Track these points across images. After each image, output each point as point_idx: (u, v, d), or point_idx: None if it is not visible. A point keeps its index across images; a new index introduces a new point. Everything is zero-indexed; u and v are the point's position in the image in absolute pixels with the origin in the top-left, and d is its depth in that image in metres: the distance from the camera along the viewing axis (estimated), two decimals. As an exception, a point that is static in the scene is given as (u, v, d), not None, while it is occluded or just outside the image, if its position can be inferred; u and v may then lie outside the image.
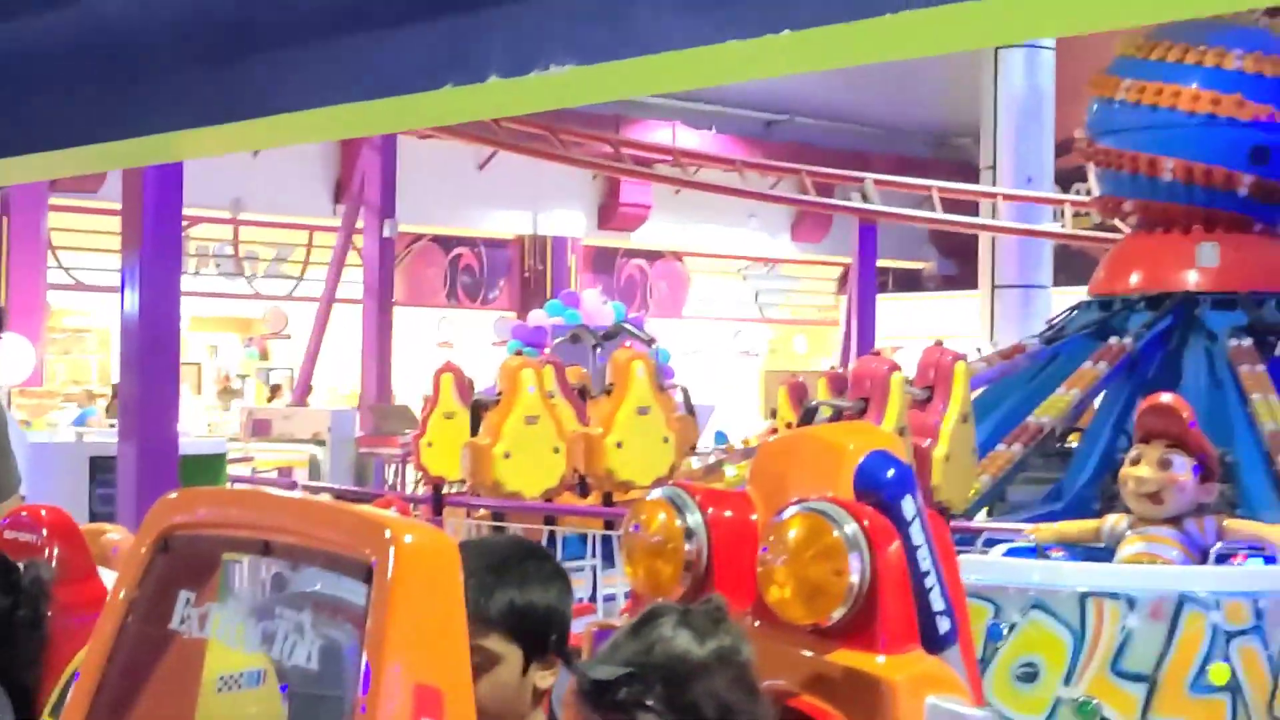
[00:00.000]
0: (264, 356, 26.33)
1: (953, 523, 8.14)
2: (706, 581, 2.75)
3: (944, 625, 2.69)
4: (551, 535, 9.73)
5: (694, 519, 2.79)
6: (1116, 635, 5.31)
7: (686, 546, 2.77)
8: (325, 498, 7.73)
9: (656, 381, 11.18)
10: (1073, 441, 11.91)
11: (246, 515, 2.31)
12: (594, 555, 9.56)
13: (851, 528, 2.61)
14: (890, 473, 2.71)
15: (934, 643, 2.68)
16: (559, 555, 9.89)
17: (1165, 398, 6.09)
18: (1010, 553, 6.04)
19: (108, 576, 3.78)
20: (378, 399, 18.73)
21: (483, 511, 10.53)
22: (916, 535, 2.69)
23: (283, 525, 2.23)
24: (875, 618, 2.61)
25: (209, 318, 25.09)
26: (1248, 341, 11.35)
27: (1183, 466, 5.79)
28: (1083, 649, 5.33)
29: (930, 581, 2.69)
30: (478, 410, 10.52)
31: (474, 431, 10.46)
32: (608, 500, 10.82)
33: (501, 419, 10.34)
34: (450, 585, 2.03)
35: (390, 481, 16.36)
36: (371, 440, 16.60)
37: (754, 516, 2.82)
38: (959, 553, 3.07)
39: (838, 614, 2.61)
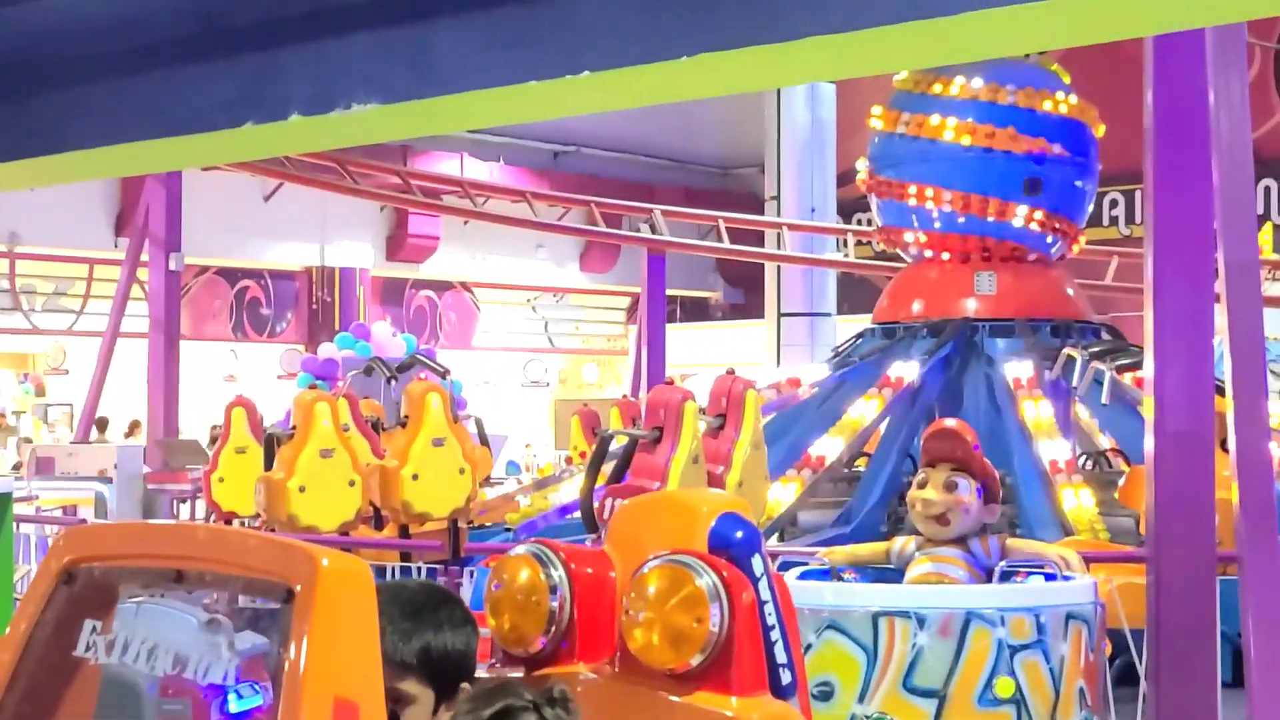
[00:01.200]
0: (40, 393, 25.72)
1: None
2: (568, 635, 2.87)
3: (786, 677, 2.86)
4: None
5: (558, 574, 2.91)
6: (907, 653, 5.48)
7: (551, 601, 2.89)
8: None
9: (451, 413, 11.19)
10: (860, 466, 12.18)
11: (156, 546, 2.39)
12: (391, 588, 9.55)
13: (711, 579, 2.77)
14: (740, 533, 2.89)
15: (778, 692, 2.84)
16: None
17: (950, 423, 6.31)
18: (804, 575, 6.20)
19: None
20: (165, 434, 18.41)
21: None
22: (764, 591, 2.86)
23: (196, 554, 2.31)
24: (731, 663, 2.76)
25: (-18, 352, 24.49)
26: (1025, 366, 11.74)
27: (967, 489, 5.99)
28: (875, 667, 5.50)
29: (775, 635, 2.85)
30: (271, 444, 10.45)
31: (268, 466, 10.38)
32: (404, 533, 10.81)
33: (296, 452, 10.29)
34: (365, 607, 2.15)
35: (180, 518, 16.11)
36: (160, 476, 16.33)
37: (612, 574, 2.95)
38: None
39: (697, 659, 2.77)
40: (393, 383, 13.56)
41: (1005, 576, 5.91)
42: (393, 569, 9.70)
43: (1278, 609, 5.66)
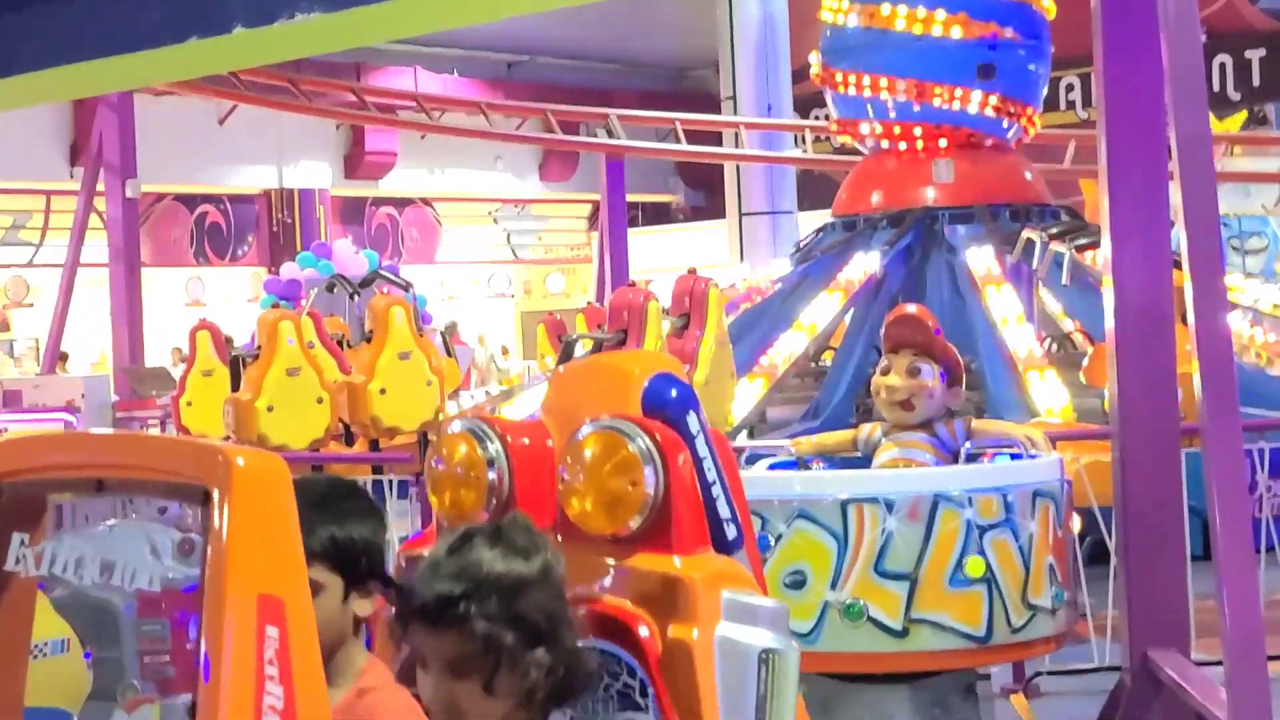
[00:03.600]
0: (4, 327, 25.61)
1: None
2: (509, 505, 2.89)
3: (731, 531, 2.88)
4: (321, 486, 9.70)
5: (494, 448, 2.92)
6: (877, 538, 5.53)
7: (489, 475, 2.91)
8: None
9: (416, 326, 11.20)
10: (826, 360, 12.24)
11: (76, 455, 2.39)
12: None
13: (644, 442, 2.77)
14: (674, 393, 2.90)
15: (723, 547, 2.87)
16: (329, 505, 9.89)
17: (910, 308, 6.33)
18: (773, 467, 6.24)
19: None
20: (131, 363, 18.37)
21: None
22: (702, 449, 2.87)
23: (114, 461, 2.31)
24: (670, 524, 2.77)
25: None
26: (986, 252, 11.78)
27: (930, 373, 6.03)
28: (846, 553, 5.55)
29: (716, 491, 2.87)
30: (237, 365, 10.46)
31: (235, 387, 10.40)
32: (374, 448, 10.85)
33: (262, 373, 10.30)
34: (284, 502, 2.16)
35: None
36: (128, 404, 16.33)
37: (549, 442, 2.96)
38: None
39: (635, 522, 2.78)
40: (356, 299, 13.54)
41: (972, 458, 5.95)
42: (363, 483, 9.72)
43: (1240, 480, 5.71)
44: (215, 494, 2.11)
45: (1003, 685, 6.60)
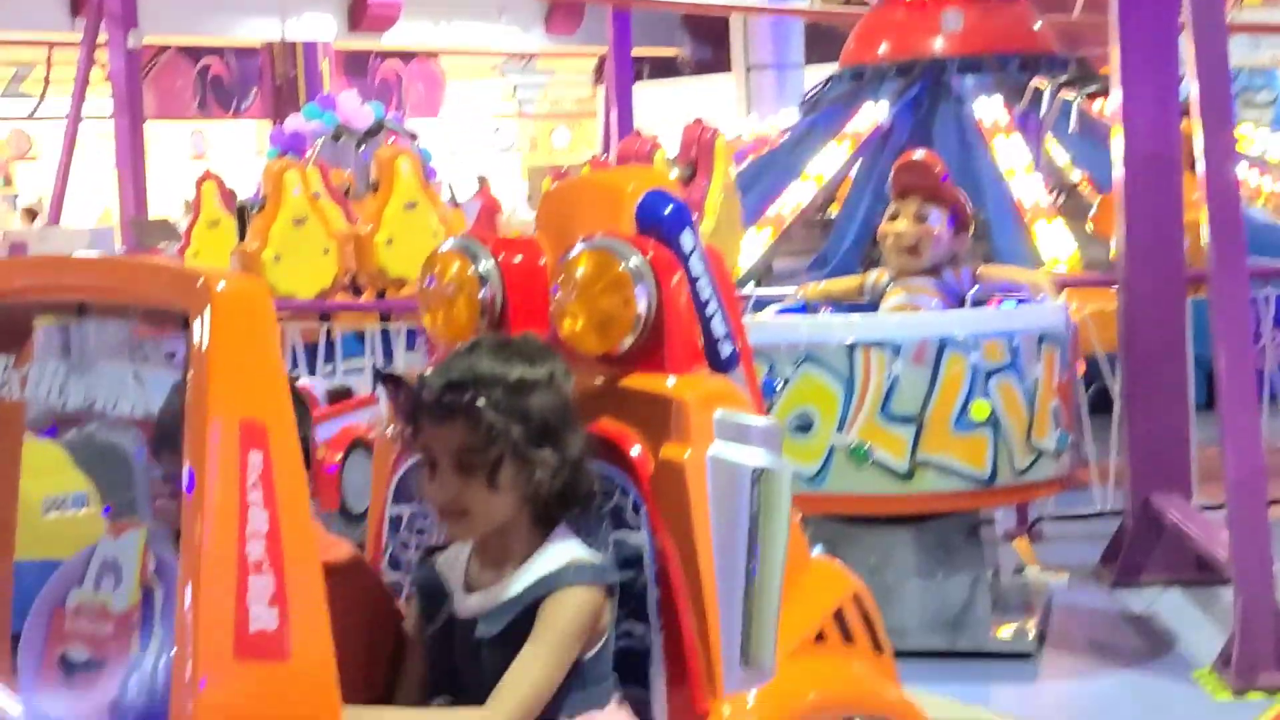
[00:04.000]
0: (8, 182, 25.53)
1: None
2: (501, 324, 2.87)
3: (726, 349, 2.87)
4: (329, 336, 9.75)
5: (486, 265, 2.89)
6: (884, 381, 5.56)
7: (481, 292, 2.87)
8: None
9: (422, 176, 11.17)
10: (833, 211, 12.20)
11: (58, 279, 2.38)
12: (373, 352, 9.62)
13: (636, 260, 2.74)
14: (668, 209, 2.85)
15: (718, 365, 2.86)
16: (338, 355, 9.94)
17: (919, 153, 6.30)
18: (781, 312, 6.25)
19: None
20: (136, 215, 18.33)
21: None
22: (696, 266, 2.84)
23: (96, 285, 2.30)
24: (663, 343, 2.75)
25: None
26: (994, 102, 11.69)
27: (938, 219, 6.02)
28: (853, 397, 5.58)
29: (712, 309, 2.85)
30: (243, 215, 10.45)
31: (241, 237, 10.40)
32: (382, 299, 10.86)
33: (268, 223, 10.29)
34: (265, 326, 2.14)
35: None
36: (134, 256, 16.31)
37: (543, 260, 2.93)
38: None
39: (627, 341, 2.75)
40: (362, 149, 13.48)
41: (978, 303, 5.96)
42: (371, 333, 9.75)
43: (1245, 329, 5.74)
44: (196, 318, 2.09)
45: (1006, 530, 6.66)
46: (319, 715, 2.12)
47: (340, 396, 8.06)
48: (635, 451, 2.70)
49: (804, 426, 5.61)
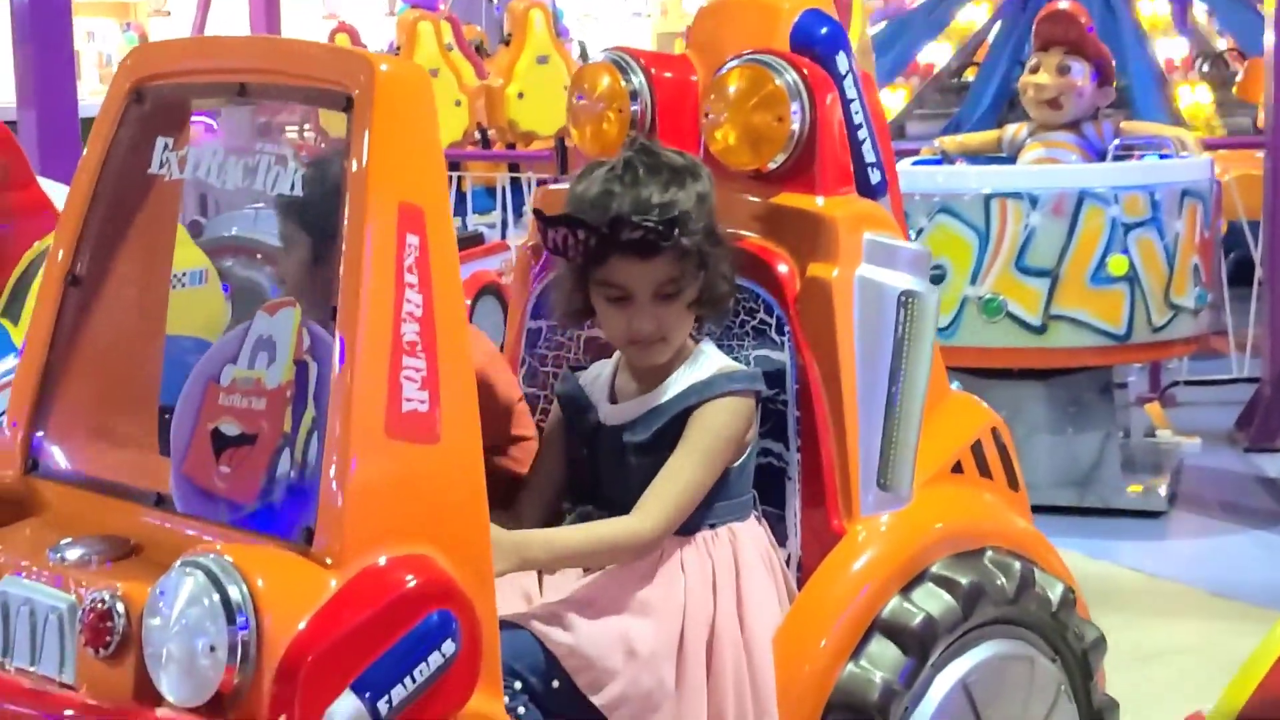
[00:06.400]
0: (144, 39, 25.75)
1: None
2: (651, 139, 2.81)
3: (875, 176, 2.82)
4: (460, 187, 9.76)
5: (638, 80, 2.85)
6: (1020, 233, 5.48)
7: (632, 107, 2.84)
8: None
9: (555, 31, 11.12)
10: (969, 75, 11.99)
11: (220, 60, 2.38)
12: (503, 205, 9.62)
13: (791, 76, 2.69)
14: (824, 30, 2.80)
15: (867, 191, 2.80)
16: (468, 209, 9.96)
17: (1063, 4, 6.17)
18: (917, 163, 6.18)
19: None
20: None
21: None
22: (850, 90, 2.79)
23: (258, 66, 2.30)
24: (814, 163, 2.71)
25: (83, 2, 24.40)
26: (1140, -35, 11.39)
27: (1080, 71, 5.90)
28: (988, 248, 5.51)
29: (863, 134, 2.80)
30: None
31: (375, 89, 10.40)
32: (511, 150, 10.86)
33: (401, 73, 10.29)
34: (425, 110, 2.13)
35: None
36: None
37: (694, 77, 2.88)
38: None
39: (779, 159, 2.71)
40: (494, 1, 13.41)
41: (1120, 157, 5.85)
42: (502, 187, 9.75)
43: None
44: (358, 99, 2.08)
45: (1139, 394, 6.57)
46: (465, 500, 2.13)
47: (472, 243, 8.09)
48: (783, 269, 2.67)
49: (936, 278, 5.51)
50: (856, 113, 2.79)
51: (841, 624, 2.57)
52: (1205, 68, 11.41)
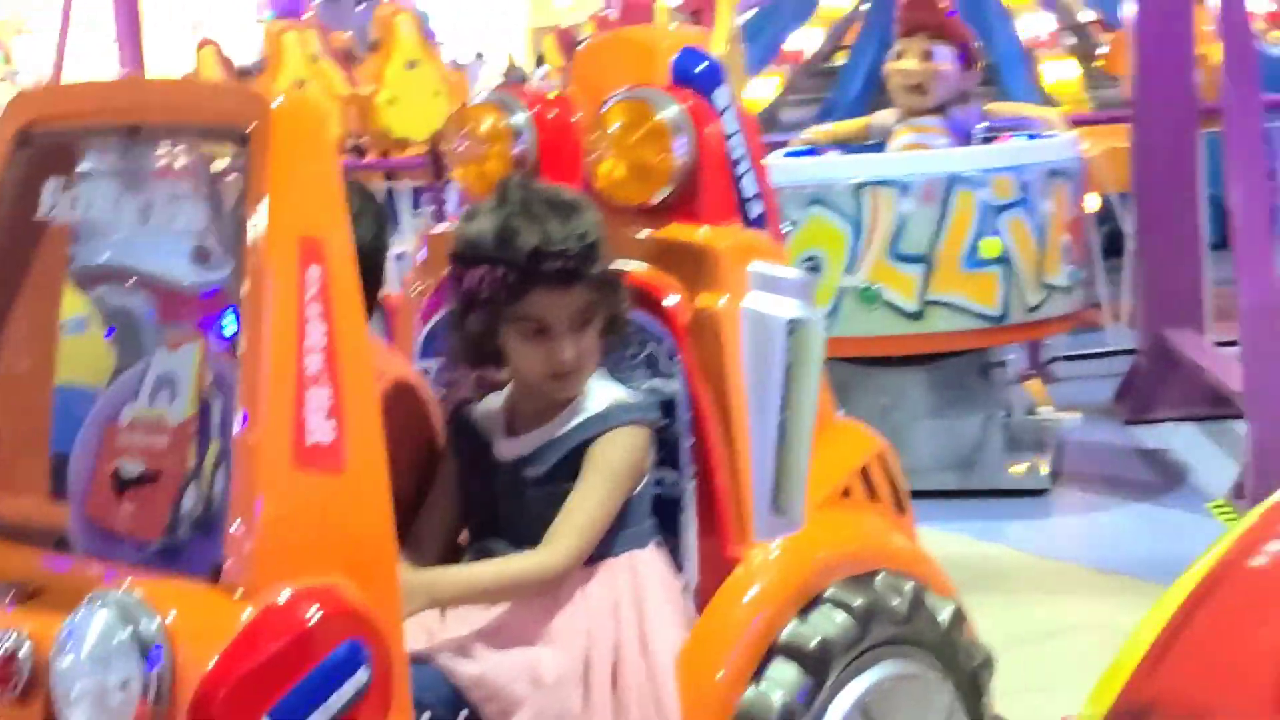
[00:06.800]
0: (7, 60, 25.34)
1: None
2: (535, 178, 2.81)
3: (756, 209, 2.83)
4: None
5: (521, 118, 2.87)
6: (892, 221, 5.51)
7: (515, 146, 2.85)
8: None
9: (423, 34, 11.06)
10: (839, 59, 12.06)
11: (110, 101, 2.36)
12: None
13: (674, 110, 2.72)
14: (703, 66, 2.81)
15: (748, 224, 2.82)
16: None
17: (925, -11, 6.20)
18: (788, 155, 6.19)
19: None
20: (136, 86, 18.24)
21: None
22: (730, 123, 2.80)
23: (151, 105, 2.29)
24: (698, 194, 2.74)
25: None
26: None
27: (945, 55, 5.93)
28: (861, 238, 5.54)
29: (743, 167, 2.82)
30: (243, 79, 10.35)
31: (242, 101, 10.30)
32: (385, 159, 10.78)
33: (268, 86, 10.18)
34: (322, 142, 2.15)
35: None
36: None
37: (576, 115, 2.89)
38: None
39: (664, 192, 2.74)
40: (360, 7, 13.31)
41: (987, 140, 5.90)
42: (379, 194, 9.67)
43: (1260, 160, 5.66)
44: (253, 135, 2.08)
45: (1018, 371, 6.63)
46: (374, 529, 2.14)
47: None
48: (671, 300, 2.69)
49: (812, 269, 5.56)
50: (737, 146, 2.81)
51: (741, 647, 2.60)
52: (1070, 41, 11.55)
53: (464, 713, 2.45)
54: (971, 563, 4.85)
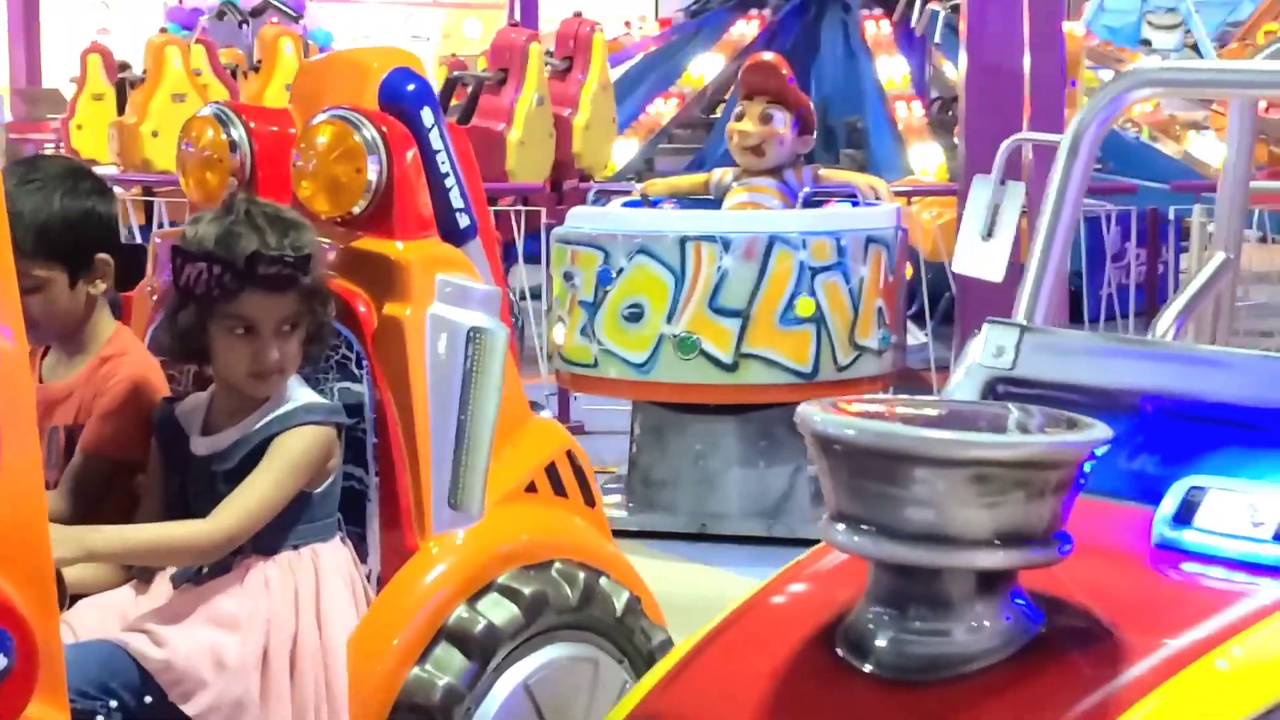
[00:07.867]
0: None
1: (582, 183, 8.53)
2: (251, 188, 3.06)
3: (464, 220, 3.08)
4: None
5: (238, 133, 3.09)
6: (713, 275, 5.72)
7: (232, 157, 3.08)
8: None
9: (302, 59, 11.16)
10: (717, 113, 12.33)
11: None
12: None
13: (371, 132, 2.95)
14: (411, 87, 3.06)
15: (456, 236, 3.06)
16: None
17: (766, 56, 6.46)
18: (626, 205, 6.41)
19: None
20: (27, 85, 18.17)
21: (136, 190, 10.49)
22: (436, 141, 3.04)
23: None
24: (392, 211, 2.97)
25: None
26: (877, 11, 11.84)
27: (782, 120, 6.17)
28: (683, 289, 5.75)
29: (450, 182, 3.05)
30: (123, 88, 10.43)
31: (120, 110, 10.38)
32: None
33: (147, 97, 10.29)
34: None
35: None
36: (21, 126, 16.16)
37: (292, 130, 3.13)
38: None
39: (358, 208, 2.98)
40: (245, 27, 13.41)
41: (812, 203, 6.13)
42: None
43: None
44: None
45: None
46: (24, 520, 2.15)
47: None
48: (362, 308, 2.93)
49: (635, 316, 5.78)
50: (444, 163, 3.04)
51: (410, 631, 2.84)
52: (945, 113, 11.89)
53: (149, 697, 2.62)
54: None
